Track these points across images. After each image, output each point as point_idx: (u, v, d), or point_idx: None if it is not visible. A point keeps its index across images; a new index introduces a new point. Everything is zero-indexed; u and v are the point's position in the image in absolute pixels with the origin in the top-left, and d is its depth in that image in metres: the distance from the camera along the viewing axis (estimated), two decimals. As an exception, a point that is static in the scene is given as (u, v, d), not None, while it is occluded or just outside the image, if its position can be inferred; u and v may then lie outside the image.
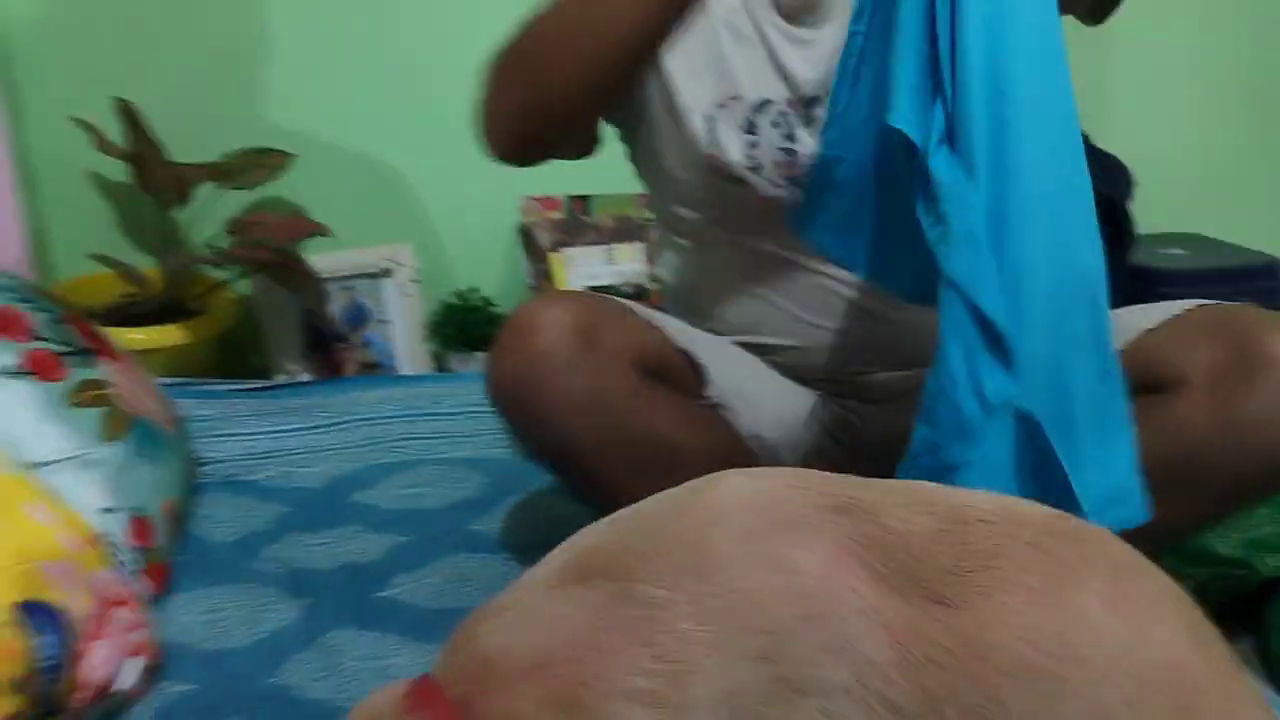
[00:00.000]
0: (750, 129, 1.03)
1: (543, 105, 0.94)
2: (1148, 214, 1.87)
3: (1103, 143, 1.85)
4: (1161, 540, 1.02)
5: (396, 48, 1.81)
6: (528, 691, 0.58)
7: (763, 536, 0.61)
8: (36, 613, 0.81)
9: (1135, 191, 1.86)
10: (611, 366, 0.95)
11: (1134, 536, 0.90)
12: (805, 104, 1.02)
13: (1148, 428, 0.90)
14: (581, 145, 1.03)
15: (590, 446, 0.94)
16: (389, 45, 1.81)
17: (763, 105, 1.03)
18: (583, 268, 1.84)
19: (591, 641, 0.59)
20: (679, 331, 1.05)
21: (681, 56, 1.02)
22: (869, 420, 1.11)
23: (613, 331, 0.96)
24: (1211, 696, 0.60)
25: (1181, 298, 1.00)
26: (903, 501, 0.63)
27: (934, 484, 0.68)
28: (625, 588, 0.61)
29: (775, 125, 1.03)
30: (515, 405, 0.95)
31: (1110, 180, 1.85)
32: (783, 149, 1.02)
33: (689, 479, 0.81)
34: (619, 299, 1.06)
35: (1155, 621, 0.61)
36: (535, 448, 0.99)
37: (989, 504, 0.65)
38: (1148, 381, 0.91)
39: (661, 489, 0.72)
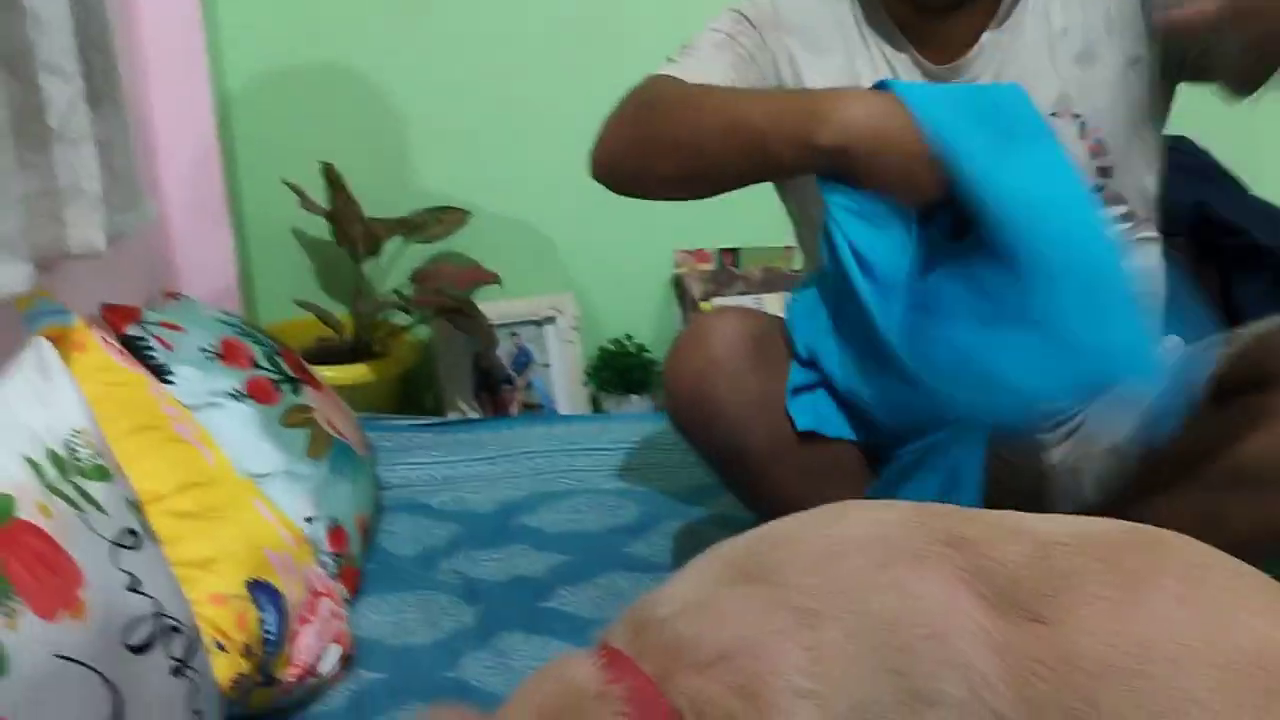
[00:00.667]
0: None
1: (641, 177, 1.03)
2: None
3: (1259, 190, 1.83)
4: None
5: (559, 116, 1.95)
6: (717, 676, 0.66)
7: (888, 566, 0.69)
8: (263, 591, 0.93)
9: (1297, 240, 1.81)
10: (781, 372, 0.99)
11: (1249, 537, 0.91)
12: None
13: (1251, 423, 0.92)
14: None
15: (759, 448, 0.98)
16: (552, 114, 1.95)
17: None
18: (732, 316, 1.91)
19: (765, 640, 0.67)
20: None
21: None
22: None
23: (782, 342, 1.01)
24: None
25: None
26: (999, 535, 0.71)
27: (1020, 514, 0.74)
28: (783, 595, 0.69)
29: None
30: (689, 408, 1.00)
31: (1272, 229, 1.81)
32: None
33: (852, 483, 0.89)
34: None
35: (1235, 610, 0.65)
36: (707, 449, 1.03)
37: (1065, 529, 0.72)
38: (1256, 378, 0.93)
39: (826, 494, 0.80)
